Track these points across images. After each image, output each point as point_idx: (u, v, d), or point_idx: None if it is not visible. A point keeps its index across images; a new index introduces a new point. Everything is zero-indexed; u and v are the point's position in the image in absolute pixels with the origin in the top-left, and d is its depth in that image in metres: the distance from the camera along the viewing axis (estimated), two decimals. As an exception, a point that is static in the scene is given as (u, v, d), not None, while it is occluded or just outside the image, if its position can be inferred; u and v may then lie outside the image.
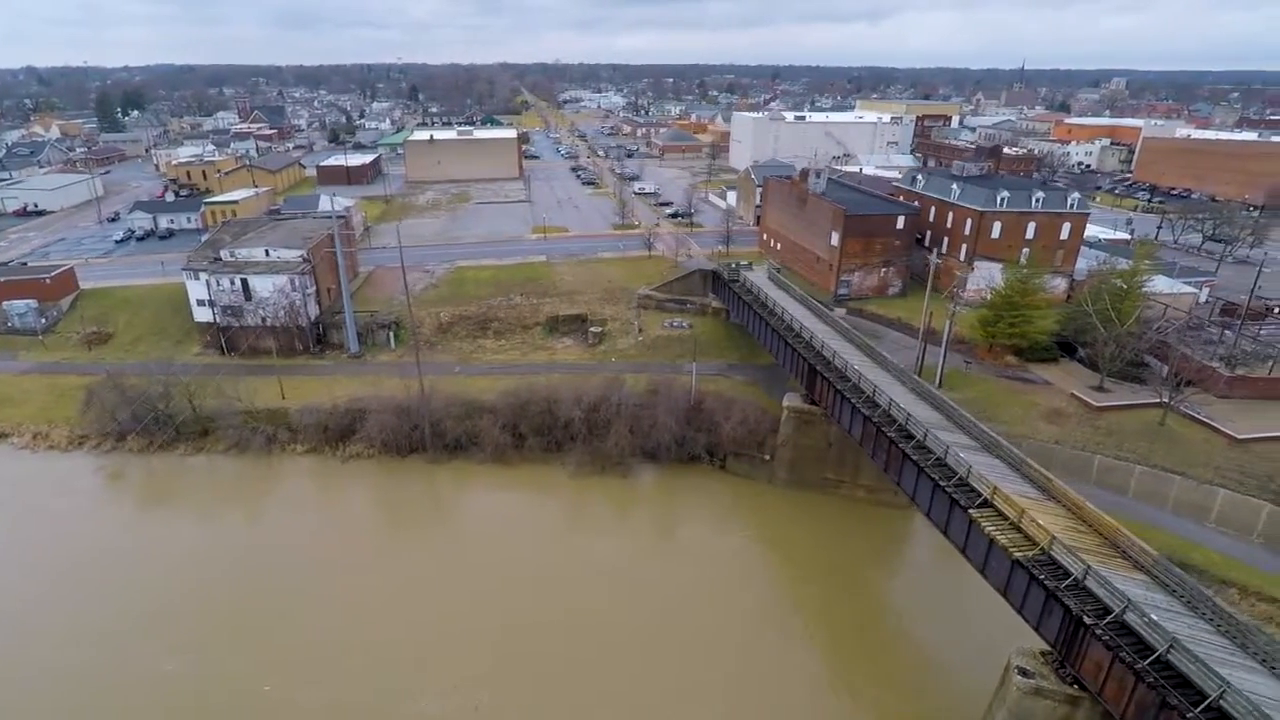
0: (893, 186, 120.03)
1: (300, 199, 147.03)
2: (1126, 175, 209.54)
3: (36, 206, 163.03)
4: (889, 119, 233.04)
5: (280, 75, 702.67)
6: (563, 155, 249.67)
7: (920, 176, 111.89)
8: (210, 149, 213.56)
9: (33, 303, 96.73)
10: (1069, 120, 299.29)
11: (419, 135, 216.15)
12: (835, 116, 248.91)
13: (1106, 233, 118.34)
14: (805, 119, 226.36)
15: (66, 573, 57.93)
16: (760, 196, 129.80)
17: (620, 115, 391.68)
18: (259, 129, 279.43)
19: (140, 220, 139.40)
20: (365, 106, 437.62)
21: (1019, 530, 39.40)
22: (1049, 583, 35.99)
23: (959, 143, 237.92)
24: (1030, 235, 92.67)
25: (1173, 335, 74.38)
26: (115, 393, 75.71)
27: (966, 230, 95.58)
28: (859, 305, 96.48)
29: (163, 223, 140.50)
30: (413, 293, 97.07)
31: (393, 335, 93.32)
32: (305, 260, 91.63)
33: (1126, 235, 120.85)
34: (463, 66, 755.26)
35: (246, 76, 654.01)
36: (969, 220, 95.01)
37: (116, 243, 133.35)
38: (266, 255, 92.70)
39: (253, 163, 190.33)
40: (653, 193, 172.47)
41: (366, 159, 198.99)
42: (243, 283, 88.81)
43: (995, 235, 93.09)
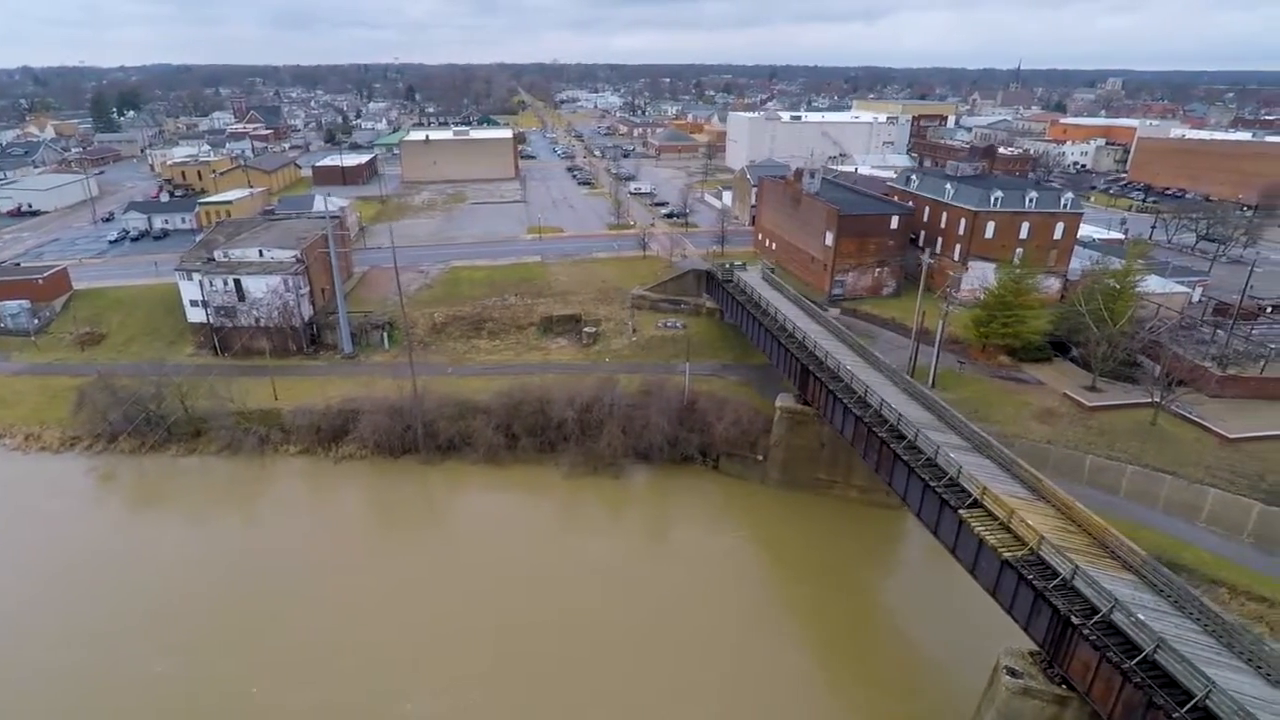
0: (887, 186, 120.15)
1: (295, 199, 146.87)
2: (1121, 175, 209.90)
3: (30, 207, 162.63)
4: (885, 119, 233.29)
5: (277, 75, 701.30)
6: (559, 155, 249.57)
7: (915, 176, 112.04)
8: (206, 149, 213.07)
9: (25, 303, 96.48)
10: (1064, 120, 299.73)
11: (415, 135, 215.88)
12: (831, 116, 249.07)
13: (1101, 232, 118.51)
14: (801, 119, 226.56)
15: (58, 574, 57.81)
16: (755, 196, 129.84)
17: (617, 115, 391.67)
18: (255, 129, 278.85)
19: (134, 220, 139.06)
20: (362, 107, 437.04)
21: (1008, 530, 39.44)
22: (1037, 583, 36.04)
23: (954, 143, 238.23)
24: (1024, 235, 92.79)
25: (1165, 335, 74.51)
26: (107, 393, 75.55)
27: (960, 230, 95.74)
28: (853, 305, 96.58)
29: (157, 223, 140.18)
30: (407, 293, 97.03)
31: (387, 336, 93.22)
32: (299, 261, 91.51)
33: (1120, 235, 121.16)
34: (460, 66, 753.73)
35: (243, 77, 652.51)
36: (963, 220, 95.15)
37: (110, 243, 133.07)
38: (260, 256, 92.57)
39: (248, 163, 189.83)
40: (648, 193, 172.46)
41: (362, 159, 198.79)
42: (236, 283, 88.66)
43: (989, 235, 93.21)
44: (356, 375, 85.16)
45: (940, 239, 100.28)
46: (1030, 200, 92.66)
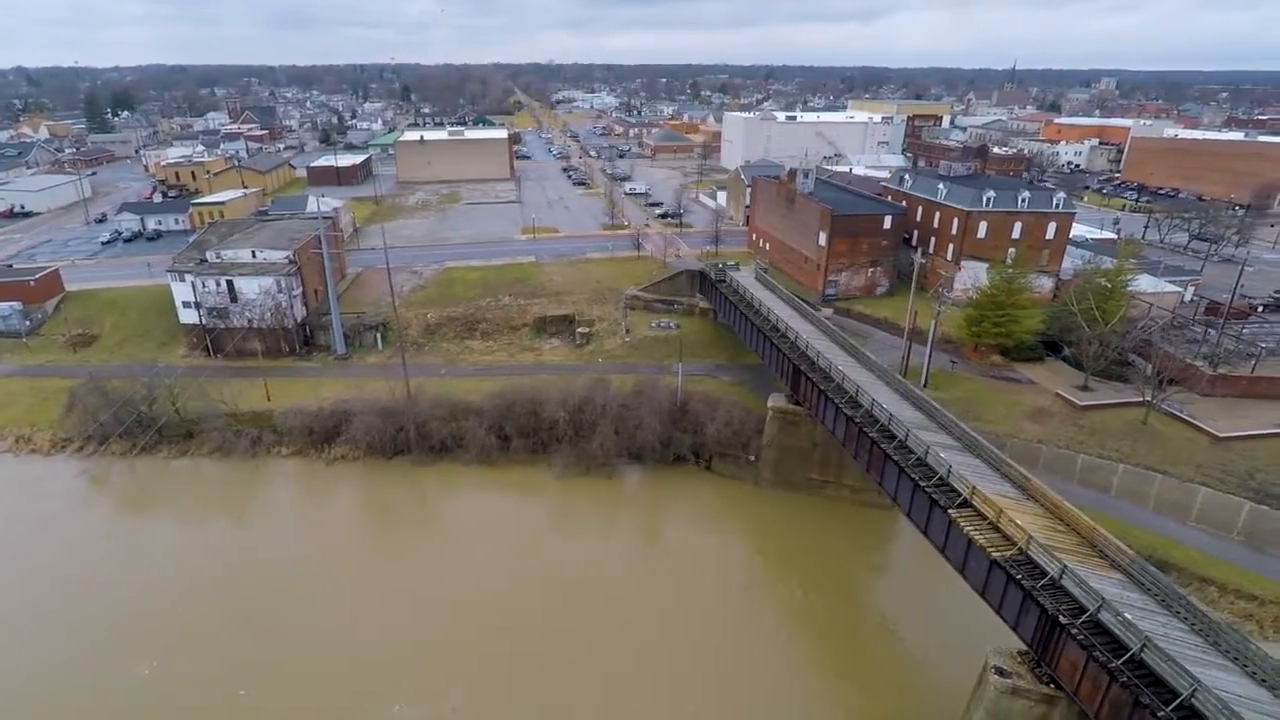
0: (881, 186, 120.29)
1: (288, 200, 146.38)
2: (1115, 175, 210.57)
3: (23, 208, 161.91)
4: (880, 119, 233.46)
5: (273, 75, 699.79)
6: (555, 155, 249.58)
7: (908, 176, 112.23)
8: (200, 150, 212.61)
9: (17, 305, 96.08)
10: (1058, 120, 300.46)
11: (410, 136, 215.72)
12: (827, 116, 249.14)
13: (1094, 232, 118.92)
14: (797, 119, 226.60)
15: (47, 576, 57.51)
16: (749, 197, 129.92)
17: (613, 115, 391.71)
18: (249, 130, 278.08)
19: (128, 221, 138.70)
20: (357, 107, 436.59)
21: (997, 530, 39.45)
22: (1026, 582, 36.04)
23: (949, 143, 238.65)
24: (1016, 235, 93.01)
25: (1157, 334, 74.75)
26: (98, 395, 75.22)
27: (953, 230, 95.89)
28: (846, 305, 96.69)
29: (150, 224, 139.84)
30: (400, 294, 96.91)
31: (380, 337, 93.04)
32: (291, 262, 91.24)
33: (1113, 235, 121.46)
34: (456, 66, 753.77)
35: (239, 77, 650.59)
36: (955, 220, 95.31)
37: (103, 244, 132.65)
38: (253, 257, 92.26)
39: (242, 163, 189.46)
40: (643, 193, 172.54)
41: (357, 160, 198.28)
42: (228, 284, 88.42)
43: (981, 235, 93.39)
44: (349, 376, 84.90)
45: (933, 239, 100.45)
46: (1023, 200, 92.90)
